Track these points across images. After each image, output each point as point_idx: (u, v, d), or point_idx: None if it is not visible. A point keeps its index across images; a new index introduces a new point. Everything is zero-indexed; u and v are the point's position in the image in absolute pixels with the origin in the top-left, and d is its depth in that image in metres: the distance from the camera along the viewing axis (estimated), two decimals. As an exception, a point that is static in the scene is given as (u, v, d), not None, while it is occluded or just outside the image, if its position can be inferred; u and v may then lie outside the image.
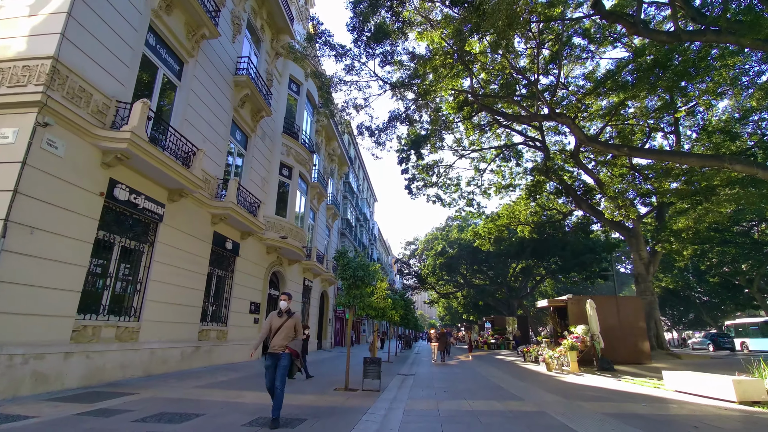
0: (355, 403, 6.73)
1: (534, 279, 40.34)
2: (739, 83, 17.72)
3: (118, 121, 8.02)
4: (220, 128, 12.41)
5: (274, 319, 5.42)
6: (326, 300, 25.65)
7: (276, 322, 5.39)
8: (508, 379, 10.95)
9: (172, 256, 9.90)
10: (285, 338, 5.27)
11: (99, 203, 7.70)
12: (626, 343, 15.09)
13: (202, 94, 11.36)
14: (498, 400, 7.36)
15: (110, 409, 5.76)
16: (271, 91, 16.01)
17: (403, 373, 12.71)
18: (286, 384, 5.53)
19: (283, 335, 5.27)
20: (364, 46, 13.44)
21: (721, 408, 6.72)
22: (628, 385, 9.86)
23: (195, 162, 10.04)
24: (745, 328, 28.70)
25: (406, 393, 8.30)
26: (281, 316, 5.43)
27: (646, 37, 12.88)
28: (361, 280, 8.71)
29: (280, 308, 5.51)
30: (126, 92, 8.40)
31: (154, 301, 9.19)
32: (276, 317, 5.43)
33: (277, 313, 5.49)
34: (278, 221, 15.97)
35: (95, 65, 7.66)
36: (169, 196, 9.75)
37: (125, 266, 8.69)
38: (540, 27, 16.66)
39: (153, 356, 9.22)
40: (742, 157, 13.61)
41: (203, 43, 11.22)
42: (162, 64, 9.74)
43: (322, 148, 25.00)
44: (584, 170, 20.92)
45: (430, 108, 18.00)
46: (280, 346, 5.20)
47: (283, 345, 5.21)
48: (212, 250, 11.97)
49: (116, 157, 7.74)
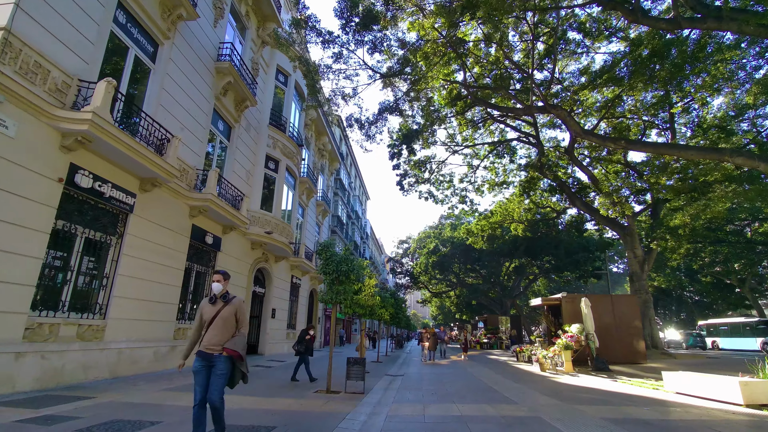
0: (333, 408, 6.17)
1: (527, 278, 40.03)
2: (736, 78, 17.45)
3: (80, 101, 7.38)
4: (199, 116, 11.77)
5: (205, 308, 3.95)
6: (316, 298, 25.05)
7: (208, 311, 3.92)
8: (501, 380, 10.46)
9: (144, 249, 9.27)
10: (221, 333, 3.82)
11: (57, 190, 7.05)
12: (621, 343, 14.70)
13: (180, 79, 10.71)
14: (490, 404, 6.85)
15: (57, 415, 5.15)
16: (256, 81, 15.38)
17: (391, 373, 12.18)
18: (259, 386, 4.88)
19: (218, 329, 3.82)
20: (352, 32, 12.86)
21: (728, 412, 6.27)
22: (626, 386, 9.41)
23: (169, 149, 9.40)
24: (716, 329, 30.62)
25: (392, 396, 7.77)
26: (214, 303, 3.95)
27: (644, 25, 12.47)
28: (344, 275, 8.18)
29: (213, 292, 3.98)
30: (90, 71, 7.76)
31: (122, 297, 8.55)
32: (207, 305, 3.96)
33: (209, 299, 4.00)
34: (263, 216, 15.35)
35: (55, 40, 7.03)
36: (141, 186, 9.11)
37: (89, 260, 8.05)
38: (535, 19, 16.23)
39: (121, 357, 8.58)
40: (743, 150, 13.25)
41: (180, 24, 10.59)
42: (133, 44, 9.09)
43: (311, 143, 24.38)
44: (579, 166, 20.52)
45: (422, 101, 17.46)
46: (214, 345, 3.78)
47: (218, 343, 3.79)
48: (190, 244, 11.34)
49: (77, 140, 7.09)
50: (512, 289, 38.85)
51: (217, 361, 3.76)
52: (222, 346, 3.79)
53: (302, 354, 9.42)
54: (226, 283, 4.06)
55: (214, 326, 3.85)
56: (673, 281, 41.08)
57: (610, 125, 20.77)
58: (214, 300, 3.97)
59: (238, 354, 3.80)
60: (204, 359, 3.78)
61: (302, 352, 9.41)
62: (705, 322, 33.44)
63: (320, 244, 8.47)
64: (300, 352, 9.41)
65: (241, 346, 3.87)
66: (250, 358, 14.40)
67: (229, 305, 3.94)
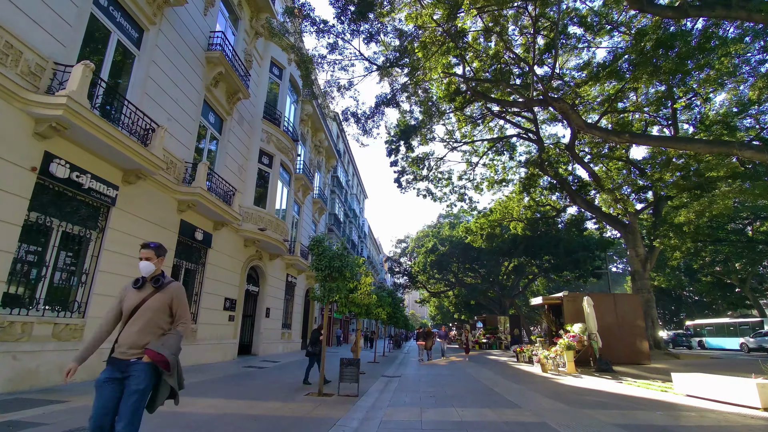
0: (323, 413, 5.74)
1: (526, 277, 39.64)
2: (740, 73, 17.13)
3: (55, 85, 6.93)
4: (188, 107, 11.32)
5: (128, 294, 2.82)
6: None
7: (130, 298, 2.78)
8: (502, 382, 10.04)
9: (128, 244, 8.81)
10: (145, 331, 2.68)
11: (31, 180, 6.60)
12: (624, 343, 14.32)
13: (167, 67, 10.26)
14: (491, 408, 6.43)
15: (22, 421, 4.71)
16: (249, 73, 14.92)
17: (388, 374, 11.76)
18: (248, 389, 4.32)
19: (140, 325, 2.68)
20: (348, 21, 12.42)
21: (746, 416, 5.86)
22: (632, 388, 9.01)
23: (154, 140, 8.95)
24: (702, 328, 32.37)
25: (387, 398, 7.34)
26: (141, 287, 2.82)
27: (650, 13, 12.08)
28: (338, 271, 7.74)
29: (141, 275, 2.86)
30: (68, 54, 7.30)
31: (103, 295, 8.10)
32: (131, 290, 2.82)
33: (134, 282, 2.86)
34: (257, 212, 14.90)
35: (28, 20, 6.58)
36: (125, 178, 8.66)
37: (67, 255, 7.60)
38: (536, 12, 15.83)
39: (101, 358, 8.09)
40: (752, 144, 12.88)
41: (167, 10, 10.14)
42: (116, 28, 8.64)
43: (308, 139, 23.94)
44: (580, 163, 20.14)
45: (420, 95, 17.03)
46: (132, 347, 2.64)
47: (138, 344, 2.64)
48: (179, 240, 10.88)
49: (51, 126, 6.64)
50: (511, 289, 38.47)
51: (133, 371, 2.55)
52: (141, 350, 2.60)
53: (317, 355, 8.89)
54: (161, 261, 2.92)
55: (135, 320, 2.69)
56: (673, 281, 40.78)
57: (611, 121, 20.41)
58: (140, 284, 2.82)
59: (164, 360, 2.56)
60: (115, 368, 2.59)
61: (317, 354, 8.92)
62: (692, 322, 35.00)
63: (312, 238, 8.04)
64: (314, 353, 8.92)
65: (174, 348, 2.67)
66: (244, 359, 13.92)
67: (162, 292, 2.80)
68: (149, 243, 2.95)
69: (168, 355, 2.59)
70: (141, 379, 2.54)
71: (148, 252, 2.88)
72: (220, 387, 7.85)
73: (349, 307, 9.25)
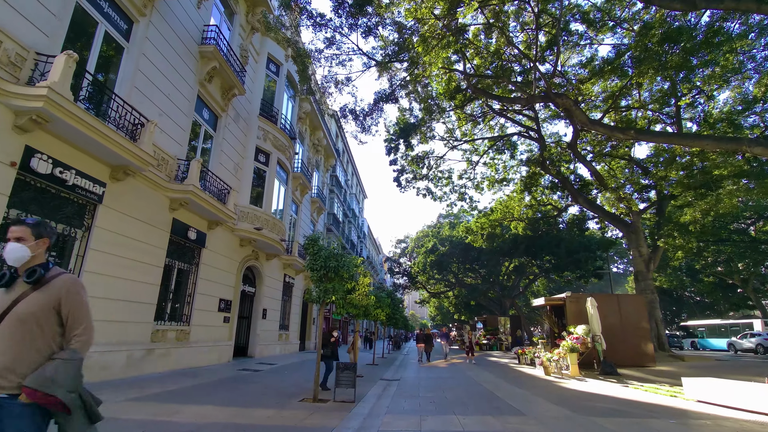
0: (317, 421, 5.41)
1: (527, 278, 39.31)
2: (744, 70, 16.84)
3: (36, 76, 6.61)
4: (181, 102, 11.00)
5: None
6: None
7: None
8: (504, 386, 9.72)
9: (116, 244, 8.48)
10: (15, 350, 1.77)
11: (10, 175, 6.28)
12: (628, 345, 13.99)
13: (158, 60, 9.93)
14: (494, 415, 6.10)
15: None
16: (245, 69, 14.59)
17: (386, 377, 11.43)
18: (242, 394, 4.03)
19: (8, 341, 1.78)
20: (345, 15, 12.11)
21: (764, 424, 5.54)
22: (640, 392, 8.68)
23: (144, 135, 8.62)
24: (695, 329, 33.18)
25: (385, 405, 7.02)
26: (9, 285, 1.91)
27: (656, 5, 11.75)
28: (333, 271, 7.42)
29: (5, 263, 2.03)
30: (51, 45, 6.98)
31: (89, 296, 7.75)
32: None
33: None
34: (253, 211, 14.57)
35: (7, 7, 6.26)
36: (112, 174, 8.33)
37: (50, 255, 7.25)
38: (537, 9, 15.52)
39: (88, 361, 7.77)
40: (762, 140, 12.56)
41: (159, 2, 9.80)
42: (103, 18, 8.31)
43: (306, 138, 23.60)
44: (582, 162, 19.82)
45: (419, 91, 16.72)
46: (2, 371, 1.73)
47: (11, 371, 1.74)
48: (171, 240, 10.55)
49: (32, 119, 6.32)
50: (512, 289, 38.14)
51: (5, 415, 1.71)
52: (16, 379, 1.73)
53: (329, 358, 8.57)
54: (40, 245, 1.99)
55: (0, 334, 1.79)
56: (675, 281, 40.44)
57: (613, 119, 20.10)
58: (5, 279, 1.90)
59: (57, 402, 1.73)
60: None
61: (329, 357, 8.58)
62: (686, 323, 36.14)
63: (307, 237, 7.71)
64: (326, 356, 8.59)
65: (69, 381, 1.78)
66: (239, 361, 13.55)
67: (42, 291, 1.89)
68: (23, 218, 2.11)
69: (63, 394, 1.73)
70: (20, 428, 1.70)
71: (20, 229, 1.93)
72: (212, 392, 7.52)
73: (347, 308, 8.96)
